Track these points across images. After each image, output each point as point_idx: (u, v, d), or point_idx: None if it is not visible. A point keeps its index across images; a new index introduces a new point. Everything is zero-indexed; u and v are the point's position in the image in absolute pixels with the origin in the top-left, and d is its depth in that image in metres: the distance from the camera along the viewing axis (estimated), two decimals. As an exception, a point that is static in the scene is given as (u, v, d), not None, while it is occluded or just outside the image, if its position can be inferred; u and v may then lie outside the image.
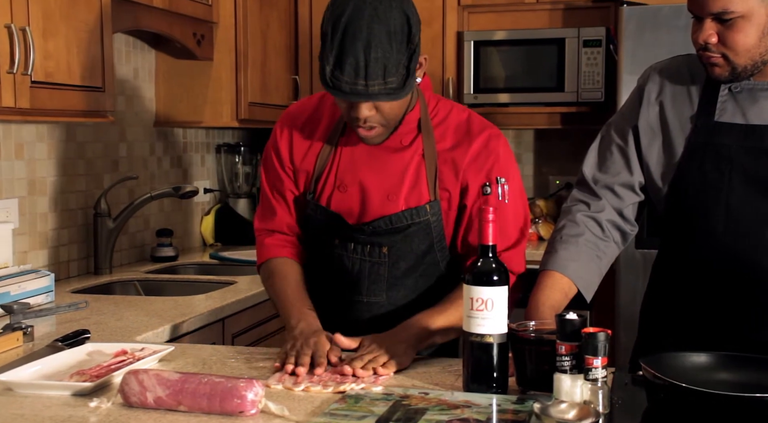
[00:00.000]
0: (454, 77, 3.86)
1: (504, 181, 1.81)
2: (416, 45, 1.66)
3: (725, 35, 1.57)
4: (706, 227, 1.65)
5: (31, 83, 2.21)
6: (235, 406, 1.36)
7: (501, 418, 1.35)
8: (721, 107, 1.66)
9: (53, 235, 2.87)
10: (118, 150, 3.23)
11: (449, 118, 1.85)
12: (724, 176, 1.63)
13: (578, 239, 1.75)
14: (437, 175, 1.81)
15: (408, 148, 1.82)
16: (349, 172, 1.83)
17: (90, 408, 1.43)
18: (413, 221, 1.80)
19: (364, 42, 1.61)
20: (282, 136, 1.91)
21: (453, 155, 1.81)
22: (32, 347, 1.90)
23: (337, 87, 1.64)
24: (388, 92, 1.64)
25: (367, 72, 1.62)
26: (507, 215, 1.81)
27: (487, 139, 1.82)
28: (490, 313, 1.46)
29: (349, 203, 1.83)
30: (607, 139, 1.82)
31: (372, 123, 1.72)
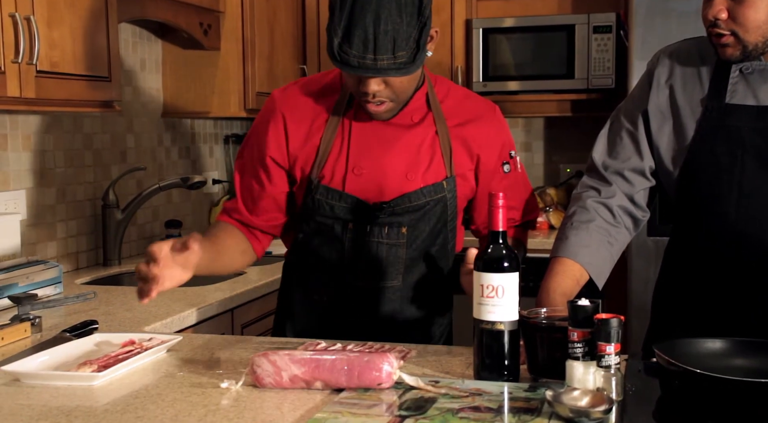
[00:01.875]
0: (462, 65, 3.83)
1: (514, 153, 1.88)
2: (427, 18, 1.61)
3: (735, 11, 1.56)
4: (718, 211, 1.63)
5: (36, 73, 2.20)
6: (373, 379, 1.39)
7: (513, 406, 1.33)
8: (732, 89, 1.64)
9: (61, 227, 2.86)
10: (126, 141, 3.21)
11: (450, 96, 1.84)
12: (737, 159, 1.61)
13: (589, 225, 1.73)
14: (451, 151, 1.80)
15: (419, 124, 1.79)
16: (364, 154, 1.78)
17: (221, 389, 1.44)
18: (431, 198, 1.79)
19: (373, 14, 1.56)
20: (274, 121, 1.81)
21: (463, 133, 1.81)
22: (40, 338, 1.89)
23: (345, 61, 1.60)
24: (398, 67, 1.60)
25: (376, 45, 1.57)
26: (526, 181, 1.95)
27: (492, 116, 1.85)
28: (500, 300, 1.44)
29: (365, 185, 1.78)
30: (616, 124, 1.80)
31: (381, 98, 1.68)
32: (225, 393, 1.43)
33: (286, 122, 1.80)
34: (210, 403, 1.38)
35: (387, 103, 1.70)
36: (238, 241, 1.87)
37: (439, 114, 1.80)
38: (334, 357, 1.43)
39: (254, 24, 3.41)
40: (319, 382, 1.42)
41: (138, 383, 1.50)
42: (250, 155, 1.87)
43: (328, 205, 1.80)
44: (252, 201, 1.86)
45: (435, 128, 1.79)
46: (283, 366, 1.43)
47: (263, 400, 1.40)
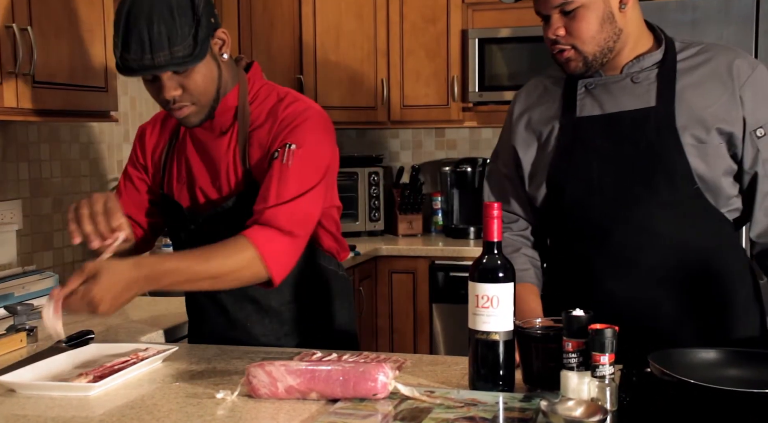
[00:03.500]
0: (458, 75, 3.85)
1: (293, 146, 1.77)
2: (201, 16, 1.68)
3: (571, 26, 1.69)
4: (585, 218, 1.74)
5: (33, 83, 2.21)
6: (369, 390, 1.40)
7: (508, 416, 1.33)
8: (581, 104, 1.77)
9: (57, 236, 2.86)
10: (123, 150, 3.22)
11: (266, 101, 1.87)
12: (593, 166, 1.73)
13: (518, 252, 1.86)
14: (248, 156, 1.83)
15: (225, 134, 1.86)
16: (183, 164, 1.92)
17: (217, 400, 1.45)
18: (238, 205, 1.83)
19: (145, 19, 1.64)
20: (137, 136, 2.01)
21: (260, 134, 1.83)
22: (36, 348, 1.89)
23: (126, 67, 1.68)
24: (176, 62, 1.66)
25: (151, 46, 1.64)
26: (288, 176, 1.75)
27: (290, 113, 1.81)
28: (495, 310, 1.44)
29: (186, 193, 1.91)
30: (494, 173, 1.94)
31: (182, 102, 1.74)
32: (220, 403, 1.44)
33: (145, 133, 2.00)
34: (206, 414, 1.39)
35: (188, 107, 1.76)
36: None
37: (245, 120, 1.84)
38: (329, 368, 1.43)
39: (251, 35, 3.42)
40: (315, 392, 1.43)
41: (134, 394, 1.50)
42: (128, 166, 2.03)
43: (166, 212, 1.96)
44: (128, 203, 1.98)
45: (237, 136, 1.85)
46: (279, 377, 1.43)
47: (259, 410, 1.40)
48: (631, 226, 1.70)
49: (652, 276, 1.71)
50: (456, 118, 3.91)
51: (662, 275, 1.71)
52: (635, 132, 1.70)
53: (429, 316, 3.69)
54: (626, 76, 1.75)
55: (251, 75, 1.88)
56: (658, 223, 1.69)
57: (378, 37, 3.94)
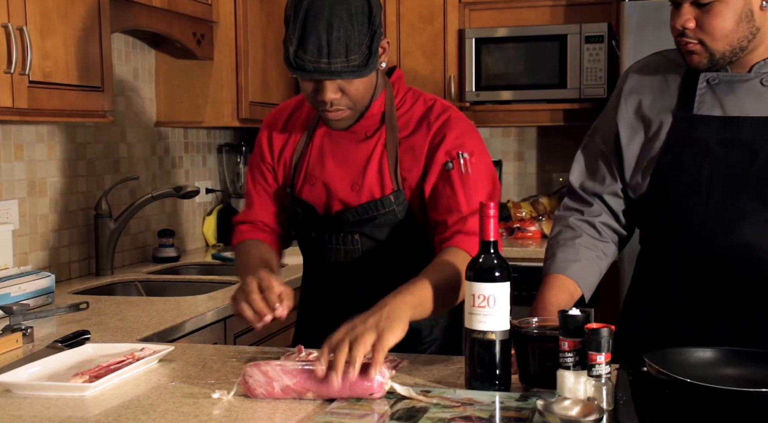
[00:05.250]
0: (456, 75, 3.84)
1: (466, 155, 1.79)
2: (377, 26, 1.68)
3: (703, 20, 1.57)
4: (686, 221, 1.64)
5: (29, 83, 2.20)
6: (365, 389, 1.40)
7: (504, 415, 1.33)
8: (700, 100, 1.65)
9: (54, 237, 2.86)
10: (119, 150, 3.21)
11: (414, 108, 1.86)
12: (703, 170, 1.62)
13: (575, 241, 1.76)
14: (398, 164, 1.82)
15: (371, 138, 1.84)
16: (317, 165, 1.88)
17: (213, 400, 1.44)
18: (379, 212, 1.82)
19: (325, 22, 1.63)
20: (264, 134, 1.97)
21: (412, 141, 1.82)
22: (32, 348, 1.89)
23: (300, 66, 1.67)
24: (351, 70, 1.66)
25: (329, 50, 1.64)
26: (472, 186, 1.78)
27: (445, 120, 1.82)
28: (492, 309, 1.44)
29: (318, 195, 1.88)
30: (591, 146, 1.82)
31: (339, 105, 1.73)
32: (216, 403, 1.43)
33: (272, 131, 1.96)
34: (201, 414, 1.38)
35: (344, 111, 1.75)
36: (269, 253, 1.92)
37: (393, 127, 1.83)
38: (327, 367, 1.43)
39: (247, 34, 3.42)
40: (311, 392, 1.43)
41: (130, 394, 1.50)
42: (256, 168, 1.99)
43: (296, 212, 1.92)
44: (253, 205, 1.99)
45: (385, 141, 1.83)
46: (275, 376, 1.43)
47: (255, 410, 1.40)
48: (732, 238, 1.60)
49: (746, 292, 1.61)
50: (453, 117, 3.91)
51: (758, 293, 1.61)
52: (755, 141, 1.59)
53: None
54: (755, 76, 1.63)
55: (395, 80, 1.88)
56: (763, 239, 1.58)
57: (375, 37, 3.93)
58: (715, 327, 1.63)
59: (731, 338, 1.59)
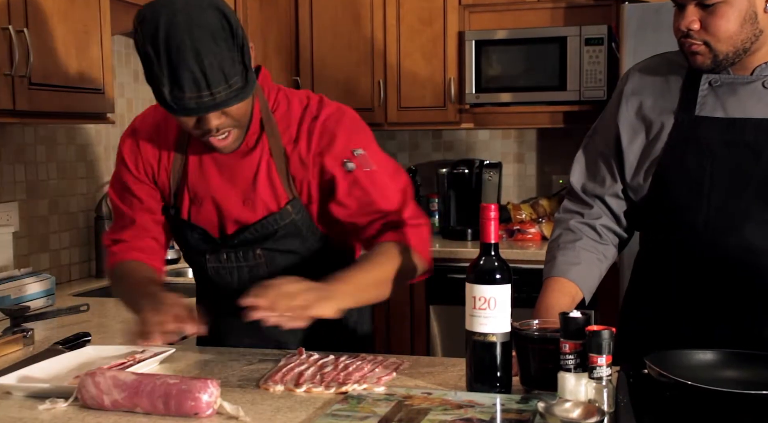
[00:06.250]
0: (455, 77, 3.85)
1: (361, 151, 1.73)
2: (243, 38, 1.57)
3: (707, 21, 1.57)
4: (688, 222, 1.64)
5: (29, 85, 2.20)
6: (190, 408, 1.36)
7: (505, 417, 1.33)
8: (702, 101, 1.65)
9: (54, 239, 2.86)
10: (119, 152, 3.21)
11: (291, 108, 1.76)
12: (706, 171, 1.62)
13: (575, 244, 1.76)
14: (289, 172, 1.74)
15: (254, 149, 1.73)
16: (200, 184, 1.76)
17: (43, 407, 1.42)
18: (279, 225, 1.75)
19: (192, 52, 1.49)
20: (128, 149, 1.80)
21: (298, 149, 1.73)
22: (32, 351, 1.89)
23: (182, 106, 1.53)
24: (236, 94, 1.55)
25: (207, 81, 1.51)
26: (382, 180, 1.74)
27: (325, 121, 1.73)
28: (492, 311, 1.44)
29: (207, 215, 1.77)
30: (591, 147, 1.82)
31: (224, 129, 1.61)
32: (50, 410, 1.41)
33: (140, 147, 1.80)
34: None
35: (232, 133, 1.64)
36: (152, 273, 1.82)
37: (274, 133, 1.73)
38: (157, 381, 1.39)
39: (247, 35, 3.42)
40: (140, 408, 1.38)
41: (130, 396, 1.50)
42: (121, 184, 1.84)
43: (182, 235, 1.81)
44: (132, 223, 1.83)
45: (269, 150, 1.73)
46: (106, 389, 1.39)
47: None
48: (734, 239, 1.59)
49: (748, 293, 1.61)
50: (453, 119, 3.91)
51: (760, 293, 1.60)
52: (758, 142, 1.59)
53: (426, 318, 3.69)
54: (757, 78, 1.63)
55: (262, 81, 1.74)
56: (765, 240, 1.58)
57: (375, 39, 3.94)
58: (716, 327, 1.63)
59: (733, 338, 1.59)
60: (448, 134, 4.32)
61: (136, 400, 1.39)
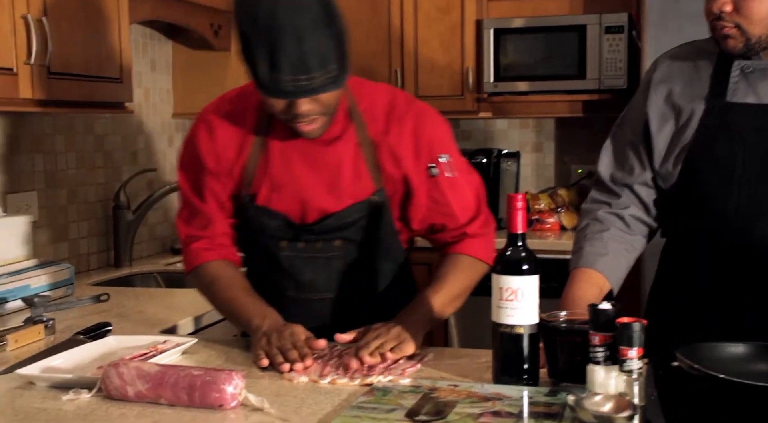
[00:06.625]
0: (473, 66, 3.81)
1: (446, 157, 1.77)
2: (341, 26, 1.57)
3: (740, 3, 1.55)
4: (717, 209, 1.62)
5: (48, 74, 2.19)
6: (214, 400, 1.35)
7: (533, 411, 1.31)
8: (733, 87, 1.63)
9: (73, 228, 2.85)
10: (137, 142, 3.21)
11: (375, 102, 1.76)
12: (737, 157, 1.60)
13: (603, 234, 1.73)
14: (377, 163, 1.74)
15: (340, 138, 1.73)
16: (283, 171, 1.74)
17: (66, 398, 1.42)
18: (361, 214, 1.75)
19: (293, 35, 1.49)
20: (201, 136, 1.76)
21: (389, 141, 1.73)
22: (53, 340, 1.88)
23: (278, 89, 1.54)
24: (332, 81, 1.56)
25: (306, 66, 1.52)
26: (461, 187, 1.79)
27: (416, 119, 1.75)
28: (520, 303, 1.42)
29: (289, 203, 1.75)
30: (619, 136, 1.79)
31: (313, 116, 1.61)
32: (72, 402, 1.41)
33: (215, 134, 1.75)
34: (227, 408, 1.37)
35: (319, 120, 1.64)
36: (242, 279, 1.81)
37: (361, 124, 1.73)
38: (181, 373, 1.38)
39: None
40: (164, 399, 1.38)
41: (154, 387, 1.49)
42: (194, 173, 1.79)
43: (258, 222, 1.77)
44: (209, 219, 1.80)
45: (357, 139, 1.73)
46: (129, 380, 1.39)
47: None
48: (765, 226, 1.58)
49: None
50: (470, 108, 3.88)
51: None
52: None
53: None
54: None
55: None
56: None
57: (392, 28, 3.91)
58: (747, 314, 1.61)
59: (763, 325, 1.57)
60: (465, 123, 4.29)
61: (160, 391, 1.38)
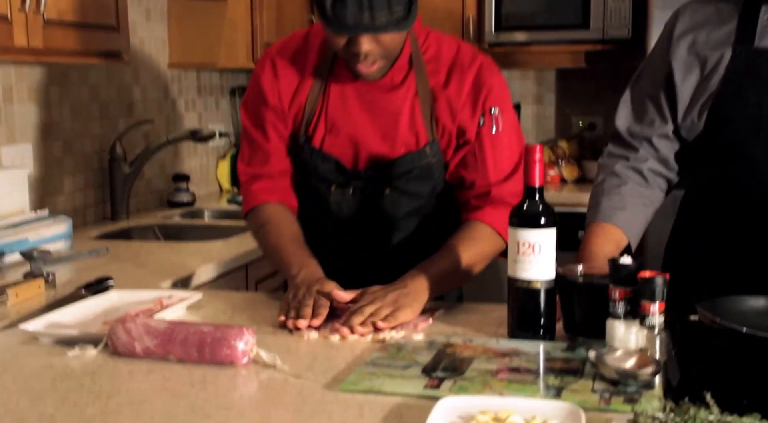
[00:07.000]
0: (474, 15, 3.74)
1: (497, 111, 1.72)
2: None
3: None
4: (745, 155, 1.59)
5: (43, 22, 2.12)
6: (225, 357, 1.32)
7: (552, 366, 1.28)
8: (762, 32, 1.58)
9: (68, 180, 2.80)
10: (132, 93, 3.14)
11: (440, 52, 1.74)
12: (765, 103, 1.56)
13: (621, 189, 1.70)
14: (433, 114, 1.72)
15: (400, 86, 1.71)
16: (340, 114, 1.73)
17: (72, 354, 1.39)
18: (414, 165, 1.72)
19: None
20: (266, 74, 1.76)
21: (447, 93, 1.71)
22: (54, 295, 1.84)
23: (340, 22, 1.52)
24: (396, 22, 1.53)
25: (371, 2, 1.50)
26: (501, 146, 1.73)
27: (478, 71, 1.72)
28: (537, 257, 1.39)
29: (342, 147, 1.74)
30: (637, 88, 1.75)
31: (373, 57, 1.60)
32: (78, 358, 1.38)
33: (278, 73, 1.76)
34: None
35: (379, 62, 1.62)
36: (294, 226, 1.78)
37: (422, 73, 1.71)
38: (191, 329, 1.35)
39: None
40: (173, 355, 1.35)
41: (161, 343, 1.45)
42: (257, 111, 1.79)
43: (311, 164, 1.77)
44: (270, 154, 1.80)
45: (415, 89, 1.71)
46: (137, 336, 1.36)
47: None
48: None
49: None
50: (471, 59, 3.81)
51: None
52: None
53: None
54: None
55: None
56: None
57: (391, -24, 3.82)
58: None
59: None
60: (465, 75, 4.23)
61: (169, 347, 1.35)
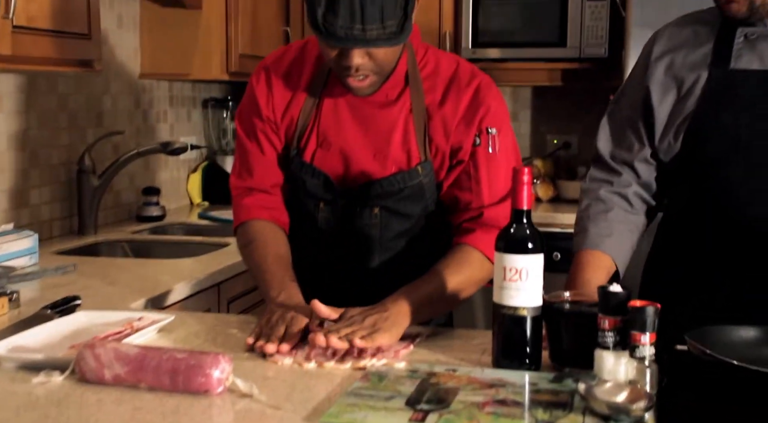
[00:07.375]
0: (451, 31, 3.72)
1: (494, 131, 1.68)
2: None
3: None
4: (724, 175, 1.59)
5: (12, 28, 2.05)
6: (199, 385, 1.25)
7: (541, 399, 1.24)
8: (737, 54, 1.60)
9: (35, 193, 2.72)
10: (102, 103, 3.06)
11: (438, 69, 1.70)
12: (742, 123, 1.57)
13: (607, 215, 1.68)
14: (427, 133, 1.68)
15: (395, 103, 1.68)
16: (332, 129, 1.69)
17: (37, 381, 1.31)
18: (405, 185, 1.68)
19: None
20: (260, 85, 1.74)
21: (443, 111, 1.68)
22: (18, 315, 1.76)
23: (330, 32, 1.49)
24: (387, 37, 1.50)
25: (363, 15, 1.47)
26: (498, 167, 1.68)
27: (476, 90, 1.68)
28: (524, 283, 1.35)
29: (333, 162, 1.70)
30: (616, 113, 1.75)
31: (365, 71, 1.57)
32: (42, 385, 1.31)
33: (272, 84, 1.73)
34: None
35: (370, 77, 1.59)
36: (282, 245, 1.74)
37: (418, 90, 1.68)
38: (164, 355, 1.28)
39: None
40: (144, 383, 1.28)
41: (131, 368, 1.39)
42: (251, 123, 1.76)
43: (300, 179, 1.73)
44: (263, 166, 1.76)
45: (410, 106, 1.68)
46: (107, 362, 1.29)
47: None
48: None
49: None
50: (447, 75, 3.79)
51: None
52: None
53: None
54: None
55: (413, 37, 1.66)
56: None
57: (368, -11, 3.78)
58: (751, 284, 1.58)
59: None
60: (440, 90, 4.20)
61: (140, 375, 1.28)
